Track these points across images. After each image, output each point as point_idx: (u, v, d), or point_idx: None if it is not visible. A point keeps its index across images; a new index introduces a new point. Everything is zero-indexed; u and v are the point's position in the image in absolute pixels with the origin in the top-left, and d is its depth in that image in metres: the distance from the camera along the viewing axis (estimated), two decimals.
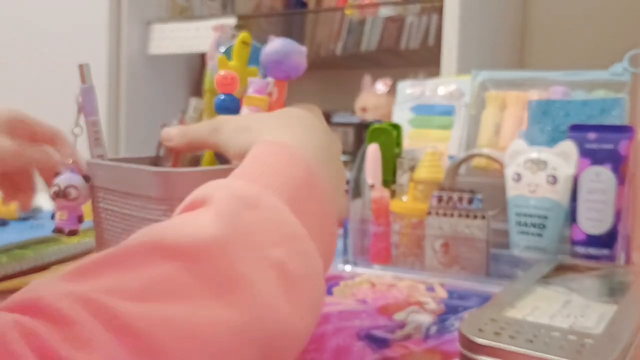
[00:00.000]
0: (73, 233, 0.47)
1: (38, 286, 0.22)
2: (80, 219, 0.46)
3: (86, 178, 0.45)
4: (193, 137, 0.42)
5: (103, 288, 0.23)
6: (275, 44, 0.45)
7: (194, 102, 0.40)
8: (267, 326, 0.26)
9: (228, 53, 0.48)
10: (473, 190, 0.67)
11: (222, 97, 0.45)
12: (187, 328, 0.23)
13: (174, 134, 0.43)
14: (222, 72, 0.44)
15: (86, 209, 0.47)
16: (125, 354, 0.21)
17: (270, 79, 0.47)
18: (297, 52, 0.45)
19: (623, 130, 0.61)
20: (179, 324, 0.23)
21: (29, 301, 0.21)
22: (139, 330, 0.21)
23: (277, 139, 0.36)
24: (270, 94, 0.46)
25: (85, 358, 0.19)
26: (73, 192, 0.44)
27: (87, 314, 0.21)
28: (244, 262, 0.27)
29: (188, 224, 0.28)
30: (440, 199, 0.66)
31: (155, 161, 0.47)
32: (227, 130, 0.39)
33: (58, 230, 0.46)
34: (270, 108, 0.46)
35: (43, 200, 0.89)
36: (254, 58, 0.49)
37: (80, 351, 0.20)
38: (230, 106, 0.45)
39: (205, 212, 0.29)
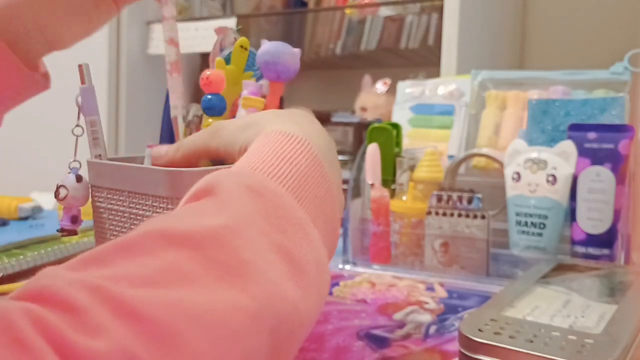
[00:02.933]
0: (71, 233, 0.46)
1: (46, 275, 0.22)
2: (74, 219, 0.46)
3: (77, 178, 0.45)
4: (190, 148, 0.41)
5: (110, 276, 0.23)
6: (266, 46, 0.45)
7: (194, 107, 0.40)
8: (275, 309, 0.26)
9: (228, 59, 0.49)
10: (473, 190, 0.67)
11: (209, 96, 0.45)
12: (196, 312, 0.23)
13: (165, 150, 0.43)
14: (207, 72, 0.45)
15: (86, 209, 0.47)
16: (134, 339, 0.21)
17: (264, 81, 0.47)
18: (287, 54, 0.45)
19: (623, 129, 0.61)
20: (187, 309, 0.23)
21: (37, 290, 0.21)
22: (148, 315, 0.21)
23: (283, 129, 0.36)
24: (264, 96, 0.46)
25: (95, 344, 0.19)
26: (62, 192, 0.45)
27: (95, 301, 0.21)
28: (249, 248, 0.27)
29: (193, 213, 0.29)
30: (440, 199, 0.66)
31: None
32: (228, 130, 0.39)
33: (59, 230, 0.47)
34: (265, 109, 0.46)
35: (43, 200, 0.89)
36: (250, 65, 0.49)
37: (90, 337, 0.20)
38: (217, 105, 0.45)
39: (210, 202, 0.29)
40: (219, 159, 0.41)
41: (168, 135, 0.47)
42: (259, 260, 0.27)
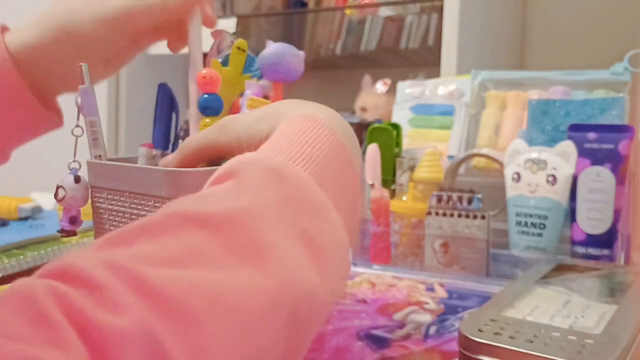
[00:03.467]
0: (70, 234, 0.46)
1: (72, 255, 0.23)
2: (73, 220, 0.46)
3: (76, 179, 0.45)
4: (197, 144, 0.40)
5: (133, 256, 0.23)
6: (272, 47, 0.45)
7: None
8: (294, 292, 0.26)
9: (225, 61, 0.49)
10: (473, 190, 0.67)
11: (205, 96, 0.45)
12: (216, 292, 0.23)
13: (171, 157, 0.42)
14: (203, 71, 0.44)
15: (86, 210, 0.47)
16: (155, 317, 0.21)
17: (265, 82, 0.47)
18: (292, 55, 0.45)
19: (623, 130, 0.61)
20: (208, 289, 0.23)
21: (62, 268, 0.22)
22: (168, 294, 0.22)
23: (306, 113, 0.36)
24: (267, 97, 0.46)
25: (115, 321, 0.20)
26: (60, 193, 0.45)
27: (118, 280, 0.21)
28: (269, 231, 0.27)
29: (215, 195, 0.29)
30: (440, 199, 0.66)
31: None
32: (243, 123, 0.38)
33: (59, 231, 0.47)
34: None
35: (43, 200, 0.89)
36: (247, 67, 0.49)
37: (111, 314, 0.20)
38: (214, 105, 0.45)
39: (232, 185, 0.30)
40: (229, 155, 0.40)
41: (161, 136, 0.47)
42: (279, 243, 0.27)
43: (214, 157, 0.42)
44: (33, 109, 0.48)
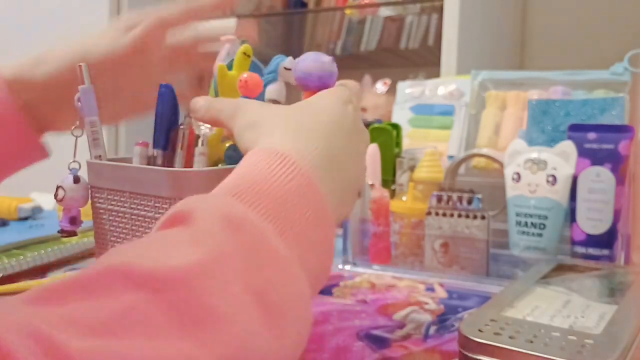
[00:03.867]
0: (70, 234, 0.47)
1: None
2: (73, 220, 0.46)
3: (76, 179, 0.45)
4: (215, 115, 0.40)
5: (62, 319, 0.22)
6: (305, 58, 0.44)
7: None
8: None
9: (230, 65, 0.49)
10: (473, 190, 0.67)
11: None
12: None
13: (201, 104, 0.41)
14: (245, 75, 0.44)
15: (87, 210, 0.47)
16: None
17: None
18: (324, 62, 0.44)
19: (623, 130, 0.61)
20: None
21: None
22: None
23: (278, 146, 0.34)
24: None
25: None
26: (60, 193, 0.45)
27: (37, 354, 0.20)
28: (218, 292, 0.25)
29: (162, 246, 0.27)
30: (440, 199, 0.66)
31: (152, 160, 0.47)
32: (240, 121, 0.38)
33: (59, 231, 0.47)
34: None
35: (43, 200, 0.89)
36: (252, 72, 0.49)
37: None
38: None
39: (182, 234, 0.28)
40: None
41: (161, 137, 0.47)
42: (229, 306, 0.25)
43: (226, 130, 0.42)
44: (28, 142, 0.49)
